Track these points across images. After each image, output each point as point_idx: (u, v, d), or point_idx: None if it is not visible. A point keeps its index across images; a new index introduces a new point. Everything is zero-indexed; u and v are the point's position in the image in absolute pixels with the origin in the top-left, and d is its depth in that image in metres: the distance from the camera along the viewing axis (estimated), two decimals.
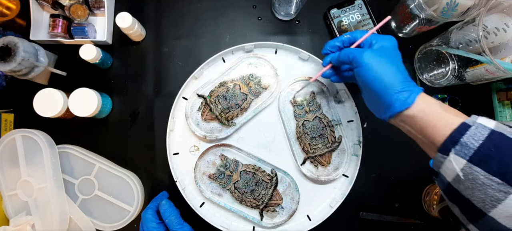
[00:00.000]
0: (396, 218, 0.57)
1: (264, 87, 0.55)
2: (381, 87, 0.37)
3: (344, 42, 0.45)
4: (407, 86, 0.37)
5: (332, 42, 0.46)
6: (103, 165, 0.54)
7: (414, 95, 0.36)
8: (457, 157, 0.31)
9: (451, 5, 0.49)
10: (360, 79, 0.40)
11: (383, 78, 0.37)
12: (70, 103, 0.52)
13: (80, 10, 0.55)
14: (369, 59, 0.38)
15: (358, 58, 0.39)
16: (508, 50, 0.48)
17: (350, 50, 0.41)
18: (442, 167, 0.33)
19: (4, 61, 0.48)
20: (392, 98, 0.37)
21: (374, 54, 0.39)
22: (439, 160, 0.33)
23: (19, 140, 0.51)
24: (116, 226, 0.54)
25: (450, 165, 0.32)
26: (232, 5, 0.60)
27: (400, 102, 0.36)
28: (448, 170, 0.32)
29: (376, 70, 0.38)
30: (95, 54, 0.52)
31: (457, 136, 0.32)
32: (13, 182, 0.51)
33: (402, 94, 0.36)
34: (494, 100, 0.57)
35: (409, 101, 0.36)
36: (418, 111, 0.36)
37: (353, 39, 0.44)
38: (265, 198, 0.53)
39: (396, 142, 0.58)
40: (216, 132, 0.55)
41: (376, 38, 0.41)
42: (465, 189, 0.31)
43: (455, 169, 0.31)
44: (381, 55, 0.38)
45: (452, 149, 0.32)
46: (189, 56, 0.59)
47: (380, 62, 0.38)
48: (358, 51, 0.40)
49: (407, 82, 0.37)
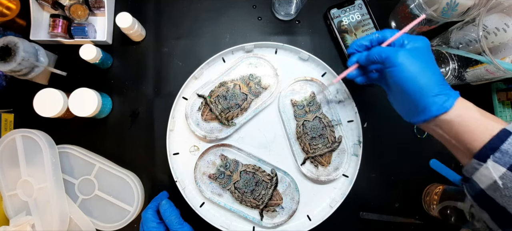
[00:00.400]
0: (396, 218, 0.57)
1: (264, 87, 0.55)
2: (416, 89, 0.36)
3: (373, 41, 0.42)
4: (444, 89, 0.35)
5: (359, 41, 0.43)
6: (103, 165, 0.54)
7: (452, 99, 0.35)
8: (496, 164, 0.30)
9: (451, 5, 0.49)
10: (392, 80, 0.38)
11: (419, 80, 0.35)
12: (70, 103, 0.52)
13: (80, 10, 0.55)
14: (404, 59, 0.36)
15: (392, 58, 0.37)
16: (508, 50, 0.48)
17: (382, 49, 0.39)
18: (476, 173, 0.32)
19: (4, 61, 0.48)
20: (428, 101, 0.35)
21: (409, 54, 0.36)
22: (473, 166, 0.33)
23: (19, 140, 0.51)
24: (116, 226, 0.54)
25: (487, 172, 0.31)
26: (232, 5, 0.60)
27: (438, 106, 0.35)
28: (483, 177, 0.32)
29: (411, 70, 0.36)
30: (95, 54, 0.52)
31: (497, 142, 0.31)
32: (13, 182, 0.51)
33: (439, 98, 0.35)
34: (494, 100, 0.57)
35: (447, 106, 0.34)
36: (455, 116, 0.34)
37: (382, 38, 0.41)
38: (265, 198, 0.53)
39: (396, 142, 0.58)
40: (216, 132, 0.55)
41: (409, 38, 0.39)
42: (501, 197, 0.30)
43: (493, 176, 0.30)
44: (416, 56, 0.36)
45: (490, 156, 0.31)
46: (189, 56, 0.59)
47: (415, 63, 0.36)
48: (392, 50, 0.37)
49: (444, 85, 0.36)
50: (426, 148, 0.58)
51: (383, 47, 0.40)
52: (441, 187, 0.54)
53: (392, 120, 0.58)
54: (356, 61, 0.43)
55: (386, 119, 0.58)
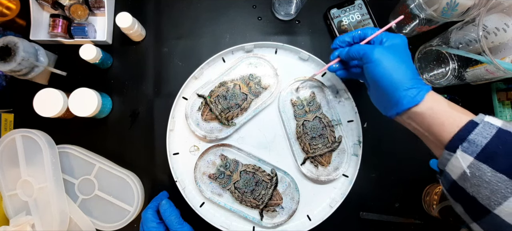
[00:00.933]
0: (396, 218, 0.57)
1: (264, 87, 0.55)
2: (390, 84, 0.38)
3: (355, 38, 0.45)
4: (416, 83, 0.37)
5: (342, 37, 0.45)
6: (103, 165, 0.54)
7: (423, 92, 0.36)
8: (465, 154, 0.31)
9: (451, 5, 0.49)
10: (369, 75, 0.40)
11: (392, 75, 0.38)
12: (70, 103, 0.52)
13: (80, 10, 0.55)
14: (380, 56, 0.38)
15: (368, 54, 0.39)
16: (508, 50, 0.48)
17: (360, 46, 0.42)
18: (448, 164, 0.33)
19: (4, 61, 0.48)
20: (400, 95, 0.37)
21: (384, 51, 0.39)
22: (445, 157, 0.34)
23: (19, 140, 0.51)
24: (116, 226, 0.54)
25: (457, 162, 0.32)
26: (232, 5, 0.60)
27: (409, 99, 0.37)
28: (454, 168, 0.33)
29: (386, 66, 0.38)
30: (95, 54, 0.52)
31: (465, 133, 0.32)
32: (13, 182, 0.51)
33: (411, 91, 0.37)
34: (494, 100, 0.57)
35: (417, 99, 0.36)
36: (426, 108, 0.36)
37: (363, 35, 0.44)
38: (265, 198, 0.53)
39: (396, 142, 0.58)
40: (216, 132, 0.55)
41: (387, 36, 0.41)
42: (471, 186, 0.31)
43: (462, 166, 0.32)
44: (392, 52, 0.39)
45: (459, 146, 0.32)
46: (189, 56, 0.59)
47: (390, 59, 0.38)
48: (369, 48, 0.40)
49: (416, 79, 0.37)
50: (426, 148, 0.57)
51: (362, 44, 0.42)
52: (441, 187, 0.54)
53: (392, 120, 0.57)
54: (337, 55, 0.46)
55: (386, 119, 0.57)
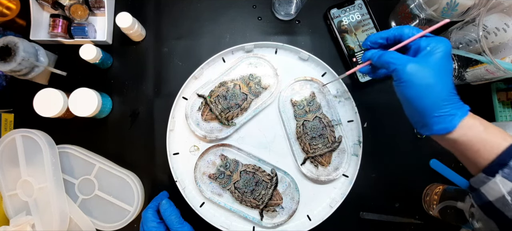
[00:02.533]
0: (396, 218, 0.57)
1: (264, 87, 0.55)
2: (420, 107, 0.34)
3: (389, 39, 0.39)
4: (450, 109, 0.34)
5: (374, 37, 0.40)
6: (103, 165, 0.54)
7: (457, 119, 0.34)
8: (505, 180, 0.31)
9: (451, 5, 0.49)
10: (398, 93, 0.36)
11: (424, 99, 0.34)
12: (70, 103, 0.52)
13: (80, 10, 0.55)
14: (412, 76, 0.34)
15: (399, 72, 0.34)
16: (508, 50, 0.48)
17: (392, 58, 0.36)
18: (484, 186, 0.32)
19: (4, 61, 0.48)
20: (431, 121, 0.34)
21: (419, 68, 0.34)
22: (481, 179, 0.33)
23: (19, 140, 0.51)
24: (116, 226, 0.54)
25: (496, 186, 0.31)
26: (232, 5, 0.60)
27: (440, 127, 0.34)
28: (491, 190, 0.32)
29: (417, 88, 0.34)
30: (95, 54, 0.52)
31: (506, 158, 0.31)
32: (13, 182, 0.51)
33: (443, 118, 0.34)
34: (494, 100, 0.57)
35: (450, 127, 0.34)
36: (459, 135, 0.34)
37: (399, 36, 0.38)
38: (265, 198, 0.53)
39: (396, 142, 0.58)
40: (216, 132, 0.55)
41: (427, 42, 0.35)
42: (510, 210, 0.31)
43: (502, 191, 0.31)
44: (427, 68, 0.33)
45: (499, 171, 0.31)
46: (189, 56, 0.59)
47: (424, 79, 0.33)
48: (400, 63, 0.35)
49: (452, 104, 0.34)
50: (426, 148, 0.58)
51: (394, 55, 0.36)
52: (441, 187, 0.54)
53: (392, 120, 0.58)
54: (369, 58, 0.40)
55: (386, 119, 0.58)
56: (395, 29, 0.38)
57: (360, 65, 0.43)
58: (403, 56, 0.35)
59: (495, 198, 0.32)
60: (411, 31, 0.37)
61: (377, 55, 0.38)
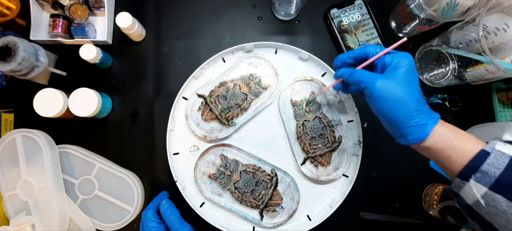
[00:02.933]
0: (396, 218, 0.57)
1: (264, 87, 0.55)
2: (393, 119, 0.36)
3: (356, 58, 0.42)
4: (421, 118, 0.36)
5: (343, 57, 0.43)
6: (103, 165, 0.54)
7: (428, 128, 0.35)
8: (478, 184, 0.32)
9: (451, 5, 0.49)
10: (371, 107, 0.39)
11: (395, 111, 0.36)
12: (70, 103, 0.52)
13: (80, 10, 0.55)
14: (381, 91, 0.36)
15: (370, 89, 0.37)
16: (508, 50, 0.48)
17: (360, 76, 0.39)
18: (461, 191, 0.33)
19: (4, 61, 0.48)
20: (404, 132, 0.36)
21: (387, 84, 0.36)
22: (457, 184, 0.34)
23: (19, 140, 0.51)
24: (116, 226, 0.54)
25: (470, 190, 0.32)
26: (232, 5, 0.60)
27: (413, 136, 0.36)
28: (468, 194, 0.33)
29: (388, 102, 0.36)
30: (95, 54, 0.52)
31: (477, 163, 0.32)
32: (13, 182, 0.51)
33: (416, 128, 0.36)
34: (494, 100, 0.57)
35: (422, 136, 0.36)
36: (432, 144, 0.36)
37: (365, 55, 0.41)
38: (265, 198, 0.53)
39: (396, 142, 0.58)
40: (216, 132, 0.55)
41: (391, 58, 0.38)
42: (486, 213, 0.31)
43: (476, 195, 0.32)
44: (395, 83, 0.36)
45: (472, 176, 0.32)
46: (189, 56, 0.59)
47: (393, 93, 0.36)
48: (369, 79, 0.37)
49: (421, 114, 0.36)
50: None
51: (363, 73, 0.39)
52: (441, 187, 0.54)
53: None
54: (340, 75, 0.44)
55: None
56: (360, 49, 0.42)
57: (332, 83, 0.46)
58: (371, 74, 0.38)
59: (472, 202, 0.33)
60: (375, 49, 0.40)
61: (347, 74, 0.41)
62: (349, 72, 0.41)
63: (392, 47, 0.39)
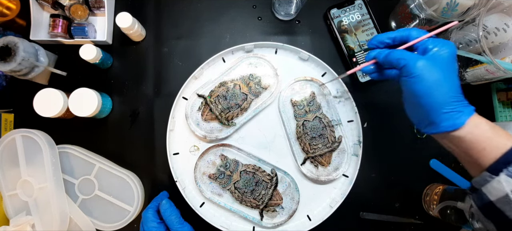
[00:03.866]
0: (396, 218, 0.57)
1: (264, 87, 0.55)
2: (429, 103, 0.35)
3: (395, 39, 0.40)
4: (458, 106, 0.34)
5: (381, 37, 0.40)
6: (103, 165, 0.54)
7: (464, 117, 0.34)
8: (510, 178, 0.31)
9: (451, 5, 0.49)
10: (407, 89, 0.37)
11: (433, 94, 0.34)
12: (70, 103, 0.52)
13: (80, 10, 0.55)
14: (422, 71, 0.34)
15: (410, 67, 0.35)
16: (508, 50, 0.48)
17: (402, 54, 0.36)
18: (486, 185, 0.33)
19: (4, 61, 0.48)
20: (439, 118, 0.35)
21: (428, 64, 0.35)
22: (484, 178, 0.33)
23: (19, 140, 0.51)
24: (116, 226, 0.54)
25: (499, 185, 0.31)
26: (232, 5, 0.60)
27: (448, 123, 0.34)
28: (494, 190, 0.32)
29: (427, 84, 0.34)
30: (95, 54, 0.52)
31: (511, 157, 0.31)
32: (13, 182, 0.51)
33: (451, 115, 0.34)
34: (494, 100, 0.57)
35: (458, 123, 0.34)
36: (466, 133, 0.34)
37: (406, 37, 0.39)
38: (265, 198, 0.53)
39: (396, 142, 0.58)
40: (216, 132, 0.55)
41: (434, 43, 0.36)
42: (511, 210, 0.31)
43: (505, 189, 0.31)
44: (436, 67, 0.34)
45: (503, 170, 0.31)
46: (189, 56, 0.59)
47: (434, 75, 0.34)
48: (411, 58, 0.35)
49: (459, 101, 0.35)
50: (426, 148, 0.58)
51: (403, 52, 0.37)
52: (441, 187, 0.54)
53: (392, 120, 0.58)
54: (374, 57, 0.41)
55: (386, 119, 0.58)
56: (402, 31, 0.39)
57: (363, 64, 0.43)
58: (412, 54, 0.36)
59: (497, 198, 0.32)
60: (418, 33, 0.38)
61: (384, 53, 0.39)
62: (386, 52, 0.39)
63: (437, 31, 0.38)
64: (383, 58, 0.39)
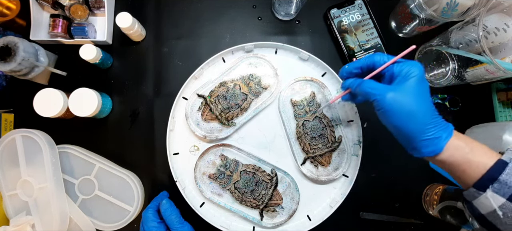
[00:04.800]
0: (396, 218, 0.57)
1: (264, 87, 0.55)
2: (405, 133, 0.35)
3: (363, 68, 0.40)
4: (436, 131, 0.34)
5: (349, 68, 0.41)
6: (103, 165, 0.54)
7: (442, 142, 0.34)
8: (495, 195, 0.31)
9: (451, 5, 0.49)
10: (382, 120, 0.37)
11: (408, 125, 0.34)
12: (70, 103, 0.52)
13: (80, 10, 0.55)
14: (392, 105, 0.34)
15: (380, 102, 0.35)
16: (508, 50, 0.48)
17: (369, 88, 0.37)
18: (476, 200, 0.33)
19: (4, 61, 0.48)
20: (418, 145, 0.35)
21: (397, 96, 0.34)
22: (472, 194, 0.33)
23: (19, 140, 0.51)
24: (116, 226, 0.54)
25: (487, 201, 0.32)
26: (232, 5, 0.60)
27: (428, 149, 0.35)
28: (483, 205, 0.32)
29: (400, 116, 0.35)
30: (95, 54, 0.52)
31: (495, 174, 0.32)
32: (13, 182, 0.51)
33: (430, 141, 0.35)
34: (494, 100, 0.57)
35: (436, 150, 0.35)
36: (447, 157, 0.35)
37: (372, 64, 0.39)
38: (265, 198, 0.53)
39: (396, 141, 0.58)
40: (216, 132, 0.55)
41: (400, 67, 0.36)
42: (501, 224, 0.31)
43: (493, 205, 0.31)
44: (406, 95, 0.34)
45: (489, 186, 0.32)
46: (189, 56, 0.59)
47: (405, 106, 0.34)
48: (379, 93, 0.36)
49: (435, 126, 0.35)
50: None
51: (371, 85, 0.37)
52: (441, 187, 0.54)
53: None
54: (348, 87, 0.42)
55: None
56: (367, 58, 0.39)
57: (340, 94, 0.45)
58: (380, 85, 0.37)
59: (487, 212, 0.32)
60: (382, 58, 0.38)
61: (355, 84, 0.40)
62: (356, 83, 0.39)
63: (399, 56, 0.38)
64: (355, 89, 0.40)
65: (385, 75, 0.38)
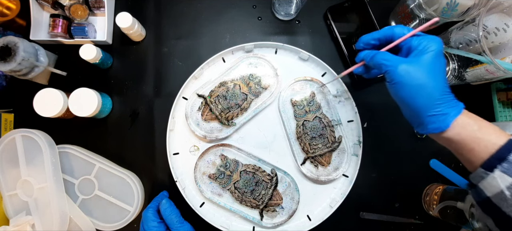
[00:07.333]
0: (396, 218, 0.57)
1: (264, 87, 0.55)
2: (414, 107, 0.34)
3: (381, 40, 0.39)
4: (444, 108, 0.34)
5: (366, 38, 0.40)
6: (103, 165, 0.54)
7: (449, 119, 0.34)
8: (504, 174, 0.30)
9: (451, 5, 0.49)
10: (392, 93, 0.37)
11: (417, 99, 0.34)
12: (70, 103, 0.52)
13: (80, 10, 0.55)
14: (404, 77, 0.34)
15: (391, 73, 0.35)
16: (508, 50, 0.48)
17: (383, 59, 0.36)
18: (482, 182, 0.32)
19: (4, 61, 0.48)
20: (425, 120, 0.35)
21: (410, 69, 0.34)
22: (479, 175, 0.33)
23: (19, 140, 0.51)
24: (116, 226, 0.54)
25: (494, 181, 0.31)
26: (232, 5, 0.60)
27: (433, 126, 0.34)
28: (489, 186, 0.32)
29: (409, 89, 0.34)
30: (95, 54, 0.52)
31: (504, 153, 0.31)
32: (13, 182, 0.51)
33: (436, 118, 0.34)
34: (494, 100, 0.57)
35: (443, 126, 0.34)
36: (453, 135, 0.34)
37: (390, 37, 0.38)
38: (265, 198, 0.53)
39: (396, 142, 0.58)
40: (216, 132, 0.55)
41: (418, 41, 0.35)
42: (507, 206, 0.30)
43: (500, 186, 0.30)
44: (419, 69, 0.34)
45: (497, 166, 0.31)
46: (189, 56, 0.59)
47: (416, 79, 0.34)
48: (392, 64, 0.35)
49: (444, 103, 0.34)
50: (426, 148, 0.58)
51: (385, 56, 0.36)
52: (441, 187, 0.54)
53: (392, 120, 0.58)
54: (362, 58, 0.41)
55: (386, 118, 0.58)
56: (386, 29, 0.38)
57: (354, 66, 0.43)
58: (394, 57, 0.36)
59: (493, 194, 0.31)
60: (402, 30, 0.37)
61: (369, 56, 0.39)
62: (371, 55, 0.38)
63: (419, 29, 0.36)
64: (369, 61, 0.39)
65: (403, 49, 0.37)
